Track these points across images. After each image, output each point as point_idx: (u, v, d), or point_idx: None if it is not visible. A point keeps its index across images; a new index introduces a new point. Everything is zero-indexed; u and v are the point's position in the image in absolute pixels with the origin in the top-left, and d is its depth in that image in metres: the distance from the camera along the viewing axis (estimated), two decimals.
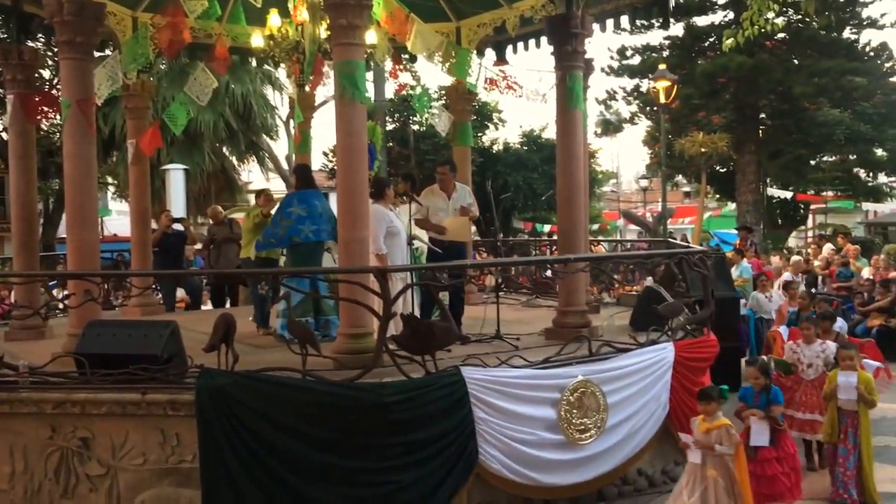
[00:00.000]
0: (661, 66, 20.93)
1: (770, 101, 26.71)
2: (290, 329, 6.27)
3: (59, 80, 7.47)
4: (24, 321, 8.21)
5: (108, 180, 25.41)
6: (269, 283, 7.86)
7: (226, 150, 24.98)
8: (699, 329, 7.55)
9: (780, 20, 23.91)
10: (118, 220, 30.13)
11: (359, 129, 6.37)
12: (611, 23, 8.91)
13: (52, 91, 16.02)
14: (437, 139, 23.87)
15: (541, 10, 8.87)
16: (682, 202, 46.27)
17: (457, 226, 8.17)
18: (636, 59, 27.45)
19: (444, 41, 9.19)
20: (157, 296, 10.83)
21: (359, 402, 5.40)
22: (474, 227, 9.32)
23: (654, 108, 25.15)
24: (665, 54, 26.42)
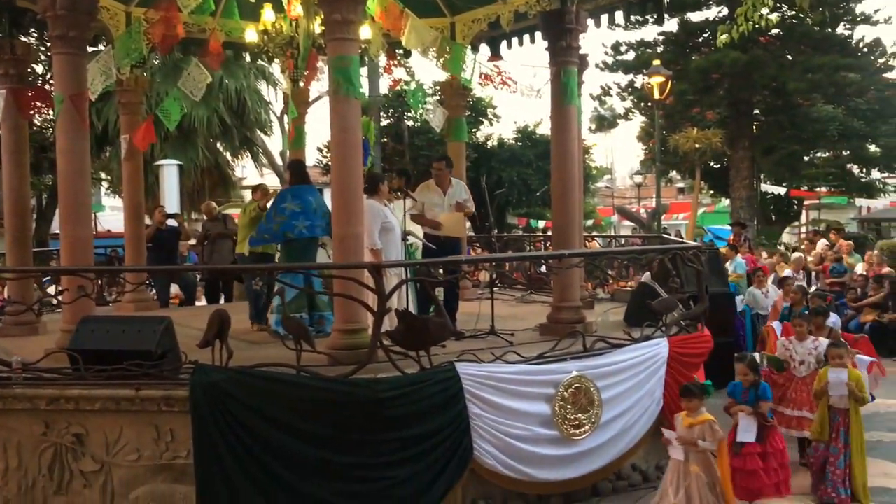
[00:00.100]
0: (656, 62, 20.92)
1: (764, 97, 26.71)
2: (284, 325, 6.27)
3: (52, 76, 7.44)
4: (17, 317, 8.18)
5: (102, 176, 25.29)
6: (264, 278, 7.84)
7: (220, 145, 24.89)
8: (693, 325, 7.56)
9: (775, 16, 23.93)
10: (112, 215, 30.03)
11: (353, 125, 6.37)
12: (605, 18, 8.91)
13: (45, 86, 15.95)
14: (431, 135, 23.84)
15: (535, 6, 8.85)
16: (676, 198, 46.36)
17: (452, 221, 8.16)
18: (630, 55, 27.42)
19: (438, 36, 9.18)
20: (150, 292, 10.80)
21: (353, 398, 5.40)
22: (469, 223, 9.31)
23: (649, 104, 25.13)
24: (659, 50, 26.40)
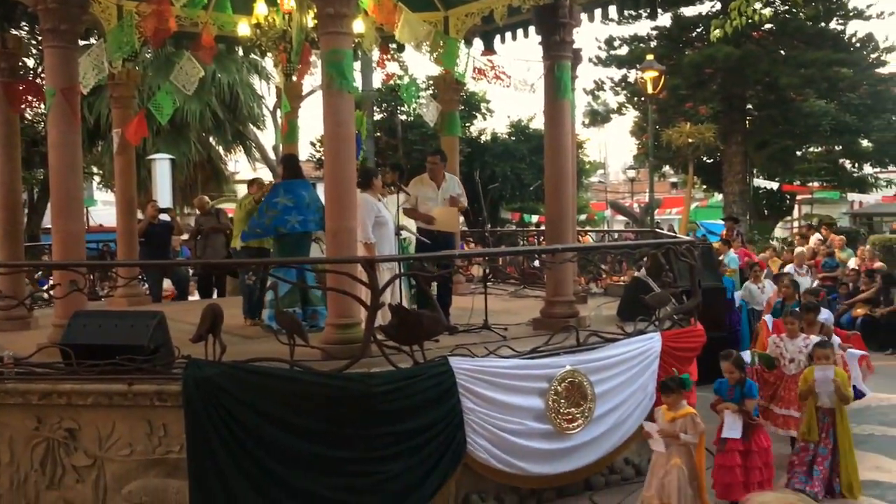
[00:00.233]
0: (649, 57, 20.93)
1: (757, 92, 26.75)
2: (277, 319, 6.27)
3: (44, 69, 7.39)
4: (8, 311, 8.15)
5: (94, 170, 25.19)
6: (257, 273, 7.83)
7: (212, 139, 24.81)
8: (686, 319, 7.58)
9: (768, 10, 23.94)
10: (104, 210, 29.88)
11: (346, 119, 6.35)
12: (599, 13, 8.87)
13: (37, 80, 15.86)
14: (424, 129, 23.82)
15: (529, 0, 8.84)
16: (669, 193, 46.42)
17: (445, 216, 8.16)
18: (624, 50, 27.43)
19: (431, 30, 9.14)
20: (143, 286, 10.77)
21: (347, 393, 5.40)
22: (462, 218, 9.31)
23: (642, 99, 25.16)
24: (653, 45, 26.38)
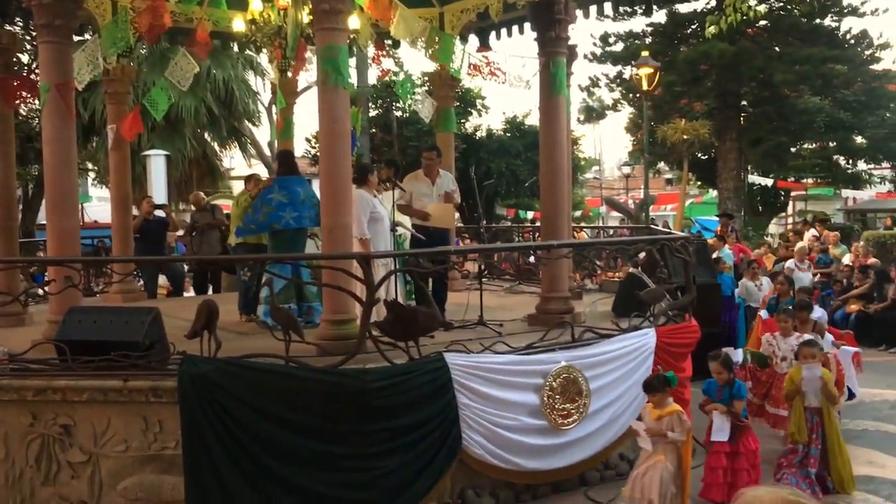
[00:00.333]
0: (644, 53, 20.93)
1: (751, 89, 26.79)
2: (273, 315, 6.26)
3: (38, 65, 7.37)
4: (3, 308, 8.10)
5: (89, 166, 25.07)
6: (252, 269, 7.82)
7: (207, 135, 24.71)
8: (681, 315, 7.60)
9: (762, 7, 23.96)
10: (99, 206, 29.85)
11: (342, 115, 6.35)
12: (594, 9, 8.90)
13: (31, 75, 15.81)
14: (420, 125, 23.78)
15: None
16: (664, 189, 46.53)
17: (441, 212, 8.16)
18: (619, 46, 27.44)
19: (427, 27, 9.14)
20: (138, 282, 10.75)
21: (342, 389, 5.40)
22: (458, 214, 9.31)
23: (637, 95, 25.16)
24: (648, 41, 26.42)
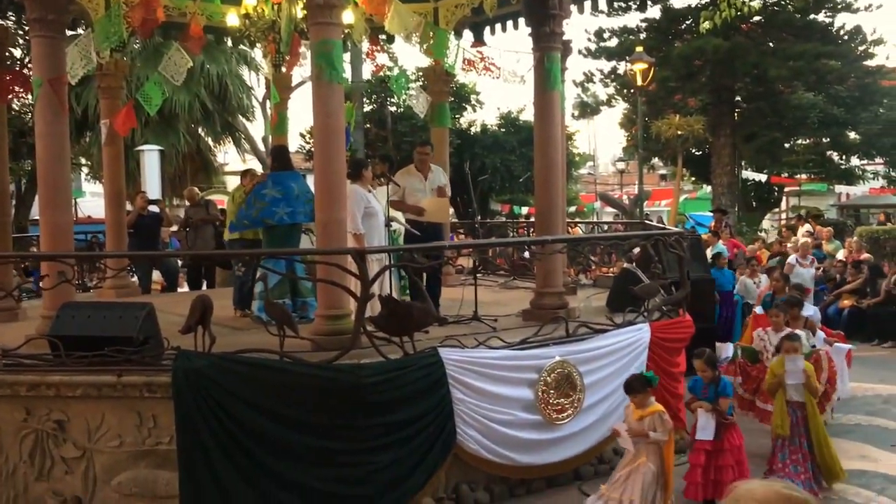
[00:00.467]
0: (639, 49, 20.94)
1: (745, 85, 26.82)
2: (267, 311, 6.25)
3: (31, 59, 7.34)
4: None
5: (82, 161, 25.04)
6: (247, 264, 7.81)
7: (201, 130, 24.67)
8: (675, 310, 7.62)
9: (756, 2, 24.06)
10: (92, 201, 29.72)
11: (336, 110, 6.34)
12: (588, 4, 8.88)
13: (24, 70, 15.73)
14: (414, 121, 23.79)
15: None
16: (658, 185, 46.55)
17: (435, 207, 8.16)
18: (613, 42, 27.42)
19: (421, 21, 9.12)
20: (132, 278, 10.74)
21: (337, 384, 5.40)
22: (452, 209, 9.31)
23: (631, 91, 25.17)
24: (642, 37, 26.39)
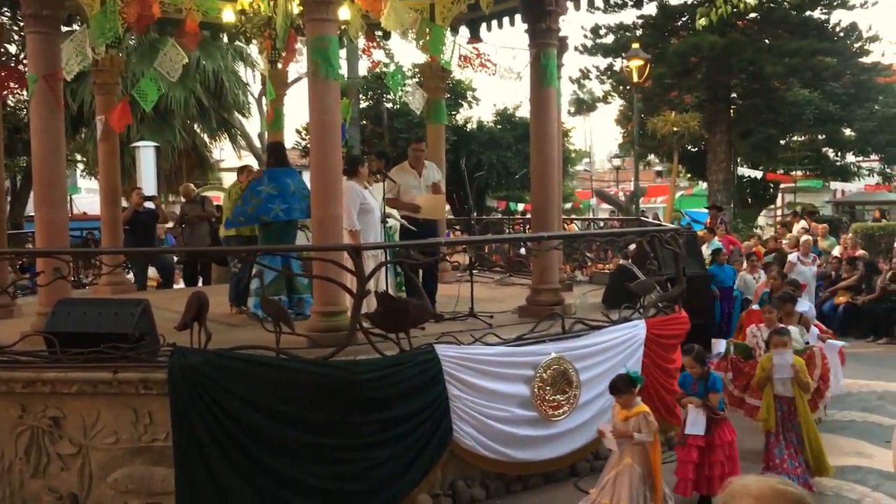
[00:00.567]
0: (635, 45, 20.90)
1: (741, 81, 26.83)
2: (263, 307, 6.26)
3: (26, 55, 7.32)
4: None
5: (77, 157, 24.93)
6: (243, 260, 7.80)
7: (197, 127, 24.59)
8: (670, 306, 7.63)
9: None
10: (87, 197, 29.73)
11: (332, 107, 6.33)
12: (584, 1, 8.87)
13: (19, 66, 15.71)
14: (410, 117, 23.74)
15: None
16: (654, 181, 46.63)
17: (431, 204, 8.16)
18: (609, 38, 27.41)
19: (418, 18, 9.11)
20: (128, 274, 10.72)
21: (333, 380, 5.40)
22: (448, 206, 9.31)
23: (627, 88, 25.19)
24: (638, 33, 26.37)
